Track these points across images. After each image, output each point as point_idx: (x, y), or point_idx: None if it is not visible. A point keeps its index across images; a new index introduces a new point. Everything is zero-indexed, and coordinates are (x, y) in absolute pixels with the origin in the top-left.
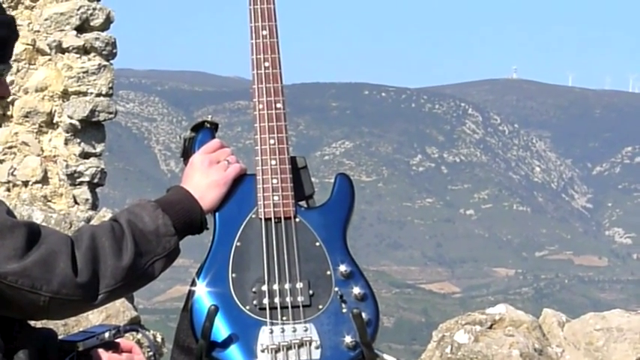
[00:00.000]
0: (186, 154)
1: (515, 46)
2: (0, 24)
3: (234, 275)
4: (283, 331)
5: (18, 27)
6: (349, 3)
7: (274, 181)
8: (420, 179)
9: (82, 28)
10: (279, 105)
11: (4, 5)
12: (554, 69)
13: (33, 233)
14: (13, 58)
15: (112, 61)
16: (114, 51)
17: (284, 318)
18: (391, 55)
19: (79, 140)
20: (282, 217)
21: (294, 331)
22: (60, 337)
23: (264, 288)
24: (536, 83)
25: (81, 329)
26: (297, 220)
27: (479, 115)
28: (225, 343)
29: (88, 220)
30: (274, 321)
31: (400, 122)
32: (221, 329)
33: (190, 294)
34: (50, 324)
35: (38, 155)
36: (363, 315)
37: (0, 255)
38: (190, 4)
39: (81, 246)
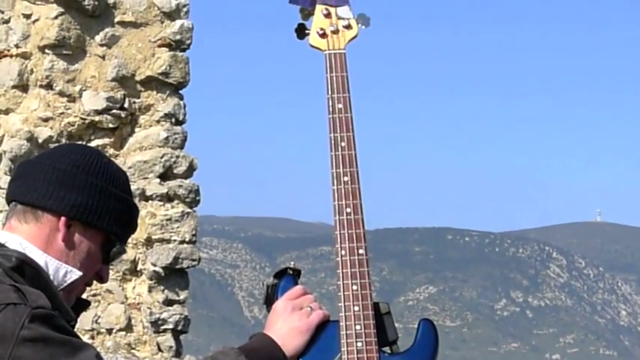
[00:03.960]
0: (270, 300)
1: (598, 189)
2: (125, 203)
3: None
4: None
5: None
6: (430, 151)
7: (357, 327)
8: (505, 324)
9: (165, 175)
10: (361, 251)
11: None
12: (638, 211)
13: None
14: None
15: (195, 208)
16: (197, 198)
17: None
18: (474, 199)
19: (162, 287)
20: None
21: None
22: None
23: None
24: (621, 226)
25: None
26: None
27: (563, 258)
28: None
29: None
30: None
31: (484, 266)
32: None
33: None
34: None
35: (122, 303)
36: None
37: None
38: (272, 151)
39: None
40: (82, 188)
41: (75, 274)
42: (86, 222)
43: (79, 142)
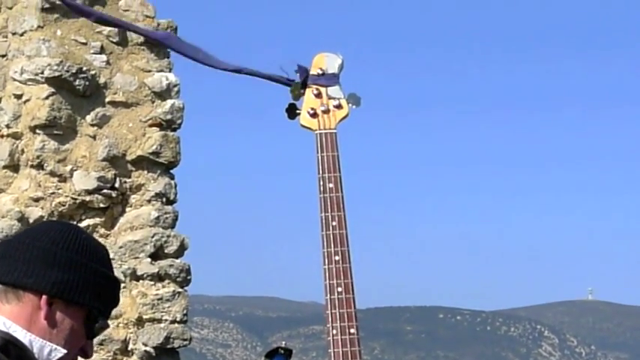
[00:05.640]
0: None
1: (589, 268)
2: (106, 278)
3: None
4: None
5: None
6: (420, 230)
7: None
8: None
9: (156, 255)
10: (352, 330)
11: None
12: (630, 290)
13: None
14: None
15: (186, 288)
16: (188, 278)
17: None
18: (464, 277)
19: None
20: None
21: None
22: None
23: None
24: (613, 304)
25: None
26: None
27: (555, 337)
28: None
29: None
30: None
31: (476, 345)
32: None
33: None
34: None
35: None
36: None
37: None
38: (262, 230)
39: None
40: (62, 265)
41: (59, 352)
42: (68, 299)
43: (59, 220)
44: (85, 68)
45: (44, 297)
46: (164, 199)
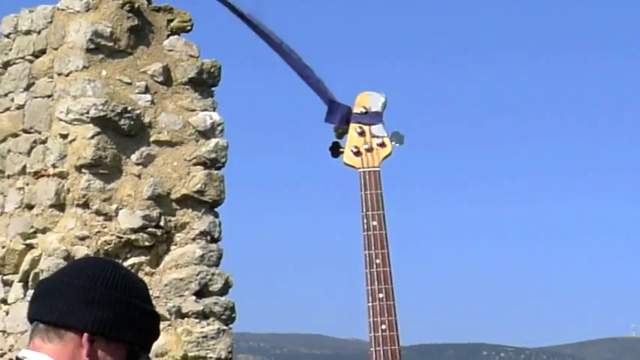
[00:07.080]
0: None
1: (633, 304)
2: (145, 313)
3: None
4: None
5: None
6: (465, 266)
7: None
8: None
9: (201, 293)
10: None
11: None
12: None
13: None
14: None
15: (230, 325)
16: (233, 315)
17: None
18: (508, 314)
19: None
20: None
21: None
22: None
23: None
24: None
25: None
26: None
27: None
28: None
29: None
30: None
31: None
32: None
33: None
34: None
35: None
36: None
37: None
38: (307, 268)
39: None
40: (102, 302)
41: None
42: (109, 336)
43: (96, 256)
44: (129, 108)
45: (85, 335)
46: (208, 238)
